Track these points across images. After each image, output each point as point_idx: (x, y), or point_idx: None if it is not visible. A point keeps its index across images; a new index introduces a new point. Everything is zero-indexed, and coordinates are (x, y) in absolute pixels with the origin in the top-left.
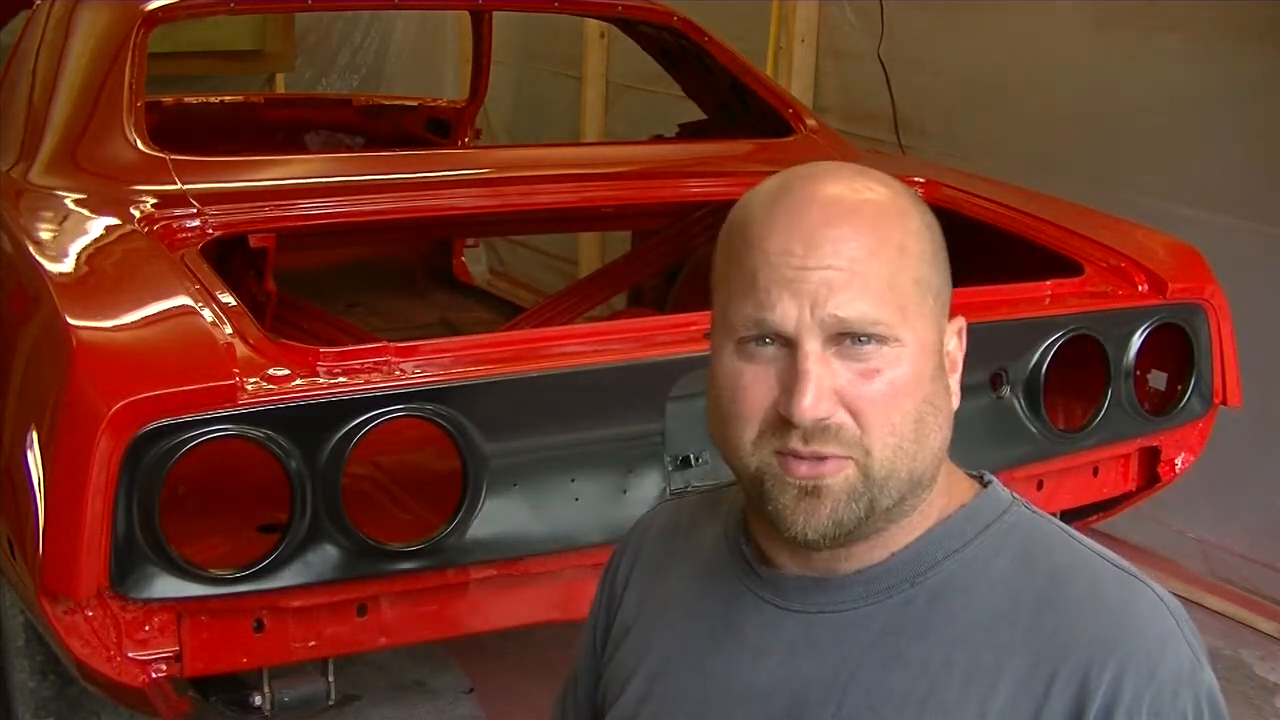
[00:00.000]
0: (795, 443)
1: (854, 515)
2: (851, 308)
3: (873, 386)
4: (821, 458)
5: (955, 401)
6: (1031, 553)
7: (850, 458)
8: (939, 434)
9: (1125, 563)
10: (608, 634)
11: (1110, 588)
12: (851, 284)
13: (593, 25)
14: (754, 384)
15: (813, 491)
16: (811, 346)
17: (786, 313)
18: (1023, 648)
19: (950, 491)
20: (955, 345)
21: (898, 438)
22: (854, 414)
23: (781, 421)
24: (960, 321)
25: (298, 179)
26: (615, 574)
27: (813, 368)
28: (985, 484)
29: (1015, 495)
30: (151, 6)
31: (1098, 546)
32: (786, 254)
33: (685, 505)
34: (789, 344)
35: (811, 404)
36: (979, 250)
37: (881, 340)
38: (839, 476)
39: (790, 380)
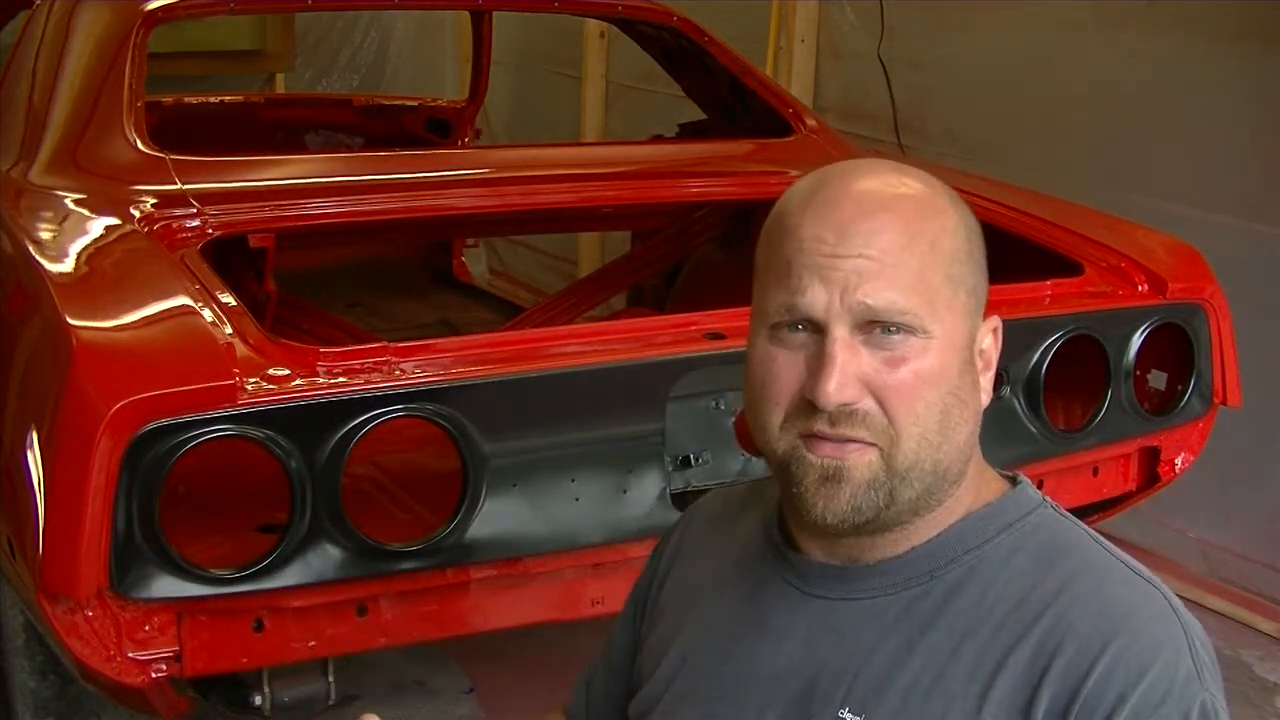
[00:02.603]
0: (821, 425)
1: (873, 503)
2: (881, 297)
3: (898, 375)
4: (847, 440)
5: (985, 399)
6: (1050, 554)
7: (875, 445)
8: (965, 429)
9: (1147, 571)
10: (646, 611)
11: (1118, 589)
12: (882, 274)
13: (593, 25)
14: (784, 368)
15: (834, 475)
16: (840, 332)
17: (816, 298)
18: (1026, 642)
19: (979, 490)
20: (990, 344)
21: (921, 428)
22: (879, 401)
23: (808, 405)
24: (995, 320)
25: (298, 179)
26: (661, 556)
27: (839, 353)
28: (1017, 484)
29: (1045, 498)
30: (151, 6)
31: (1121, 553)
32: (819, 241)
33: (732, 494)
34: (819, 330)
35: (836, 388)
36: None
37: (910, 331)
38: (862, 460)
39: (817, 365)
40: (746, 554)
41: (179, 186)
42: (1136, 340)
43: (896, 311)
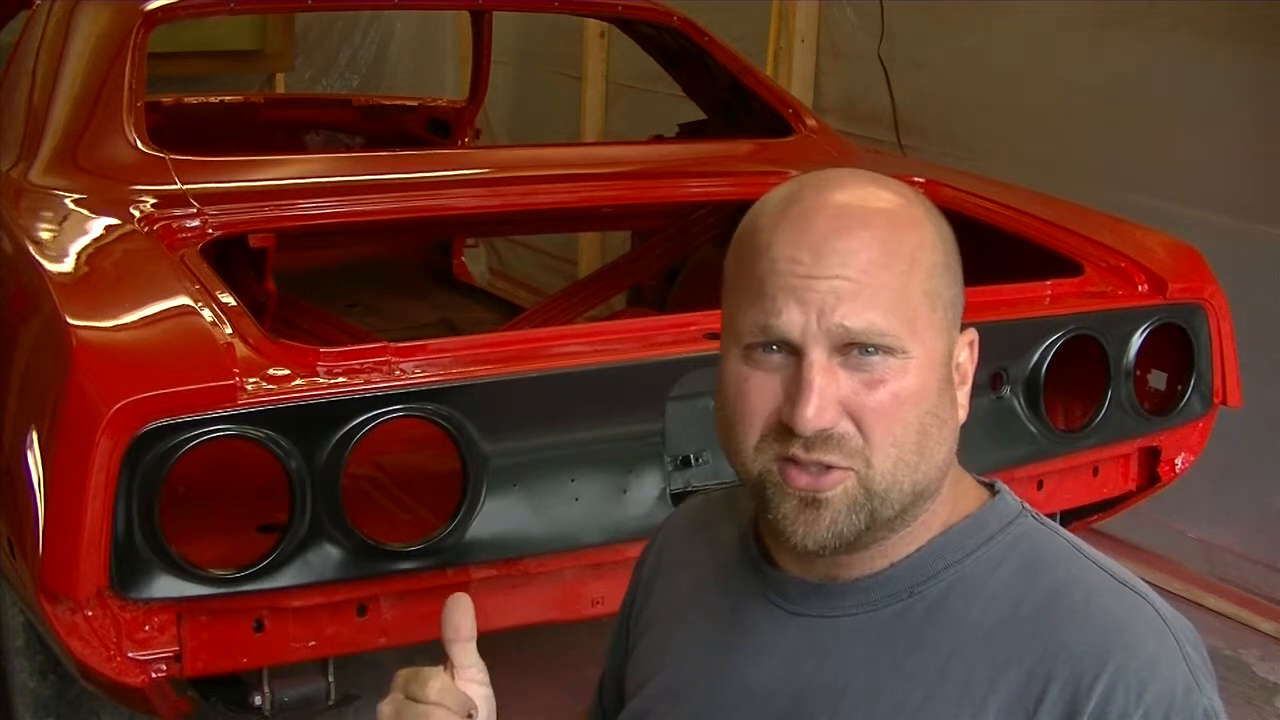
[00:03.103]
0: (797, 449)
1: (854, 527)
2: (859, 318)
3: (876, 397)
4: (823, 466)
5: (963, 415)
6: (1034, 566)
7: (851, 469)
8: (943, 447)
9: (1132, 579)
10: (632, 624)
11: (1107, 602)
12: (860, 295)
13: (593, 25)
14: (758, 390)
15: (812, 503)
16: (816, 355)
17: (793, 320)
18: (1017, 660)
19: (956, 500)
20: (966, 357)
21: (899, 449)
22: (857, 423)
23: (784, 428)
24: (972, 334)
25: (298, 179)
26: (643, 568)
27: (817, 377)
28: (995, 493)
29: (1025, 505)
30: (151, 6)
31: (1105, 560)
32: (794, 262)
33: (710, 502)
34: (795, 352)
35: (814, 414)
36: (979, 250)
37: (888, 351)
38: (839, 489)
39: (794, 389)
40: (725, 567)
41: (179, 186)
42: (1136, 340)
43: (876, 333)
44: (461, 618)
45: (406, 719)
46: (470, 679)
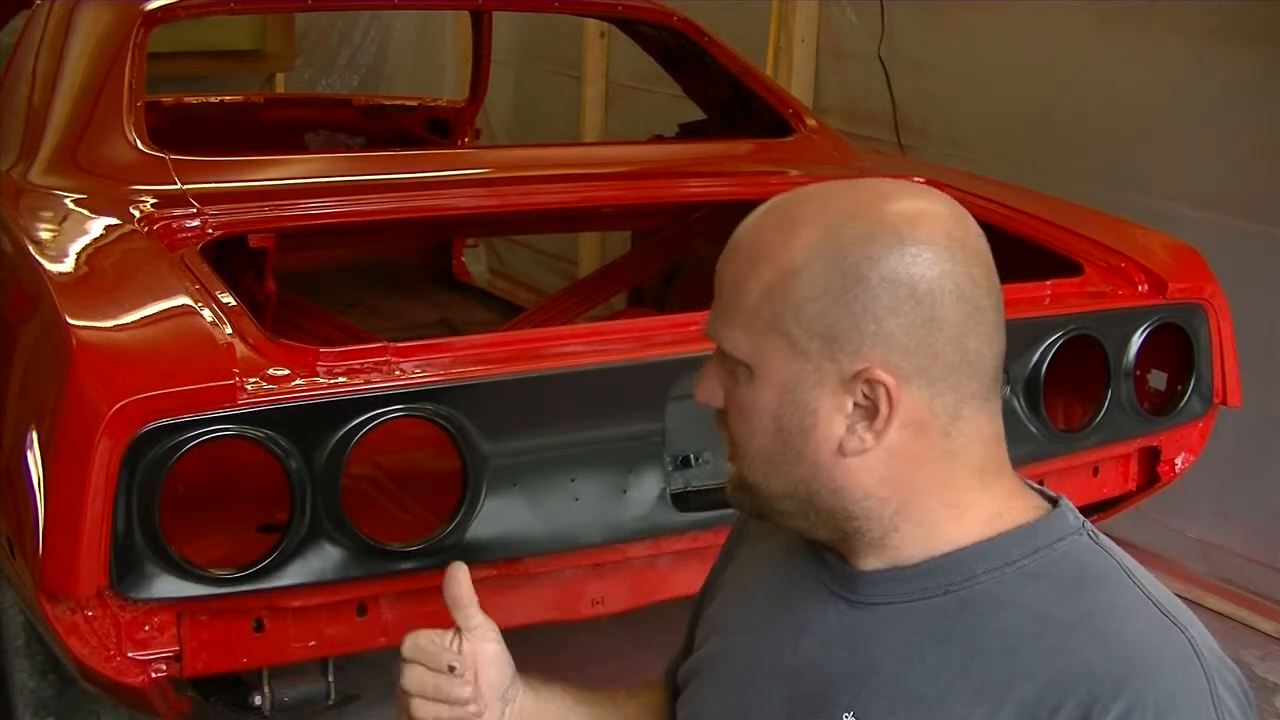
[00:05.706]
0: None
1: (740, 503)
2: (712, 324)
3: (729, 401)
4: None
5: (865, 446)
6: (1073, 584)
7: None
8: (795, 468)
9: (1179, 611)
10: (709, 587)
11: (1142, 628)
12: (719, 300)
13: (593, 25)
14: None
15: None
16: (716, 346)
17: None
18: (1038, 673)
19: (1004, 509)
20: (880, 397)
21: (750, 453)
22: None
23: None
24: (884, 376)
25: (298, 179)
26: (735, 533)
27: (711, 360)
28: (1056, 507)
29: (1085, 523)
30: (151, 6)
31: (1155, 588)
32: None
33: None
34: None
35: (696, 390)
36: None
37: (735, 361)
38: (731, 466)
39: None
40: (792, 543)
41: (179, 186)
42: (1136, 340)
43: (720, 340)
44: (456, 588)
45: (402, 677)
46: (481, 638)
